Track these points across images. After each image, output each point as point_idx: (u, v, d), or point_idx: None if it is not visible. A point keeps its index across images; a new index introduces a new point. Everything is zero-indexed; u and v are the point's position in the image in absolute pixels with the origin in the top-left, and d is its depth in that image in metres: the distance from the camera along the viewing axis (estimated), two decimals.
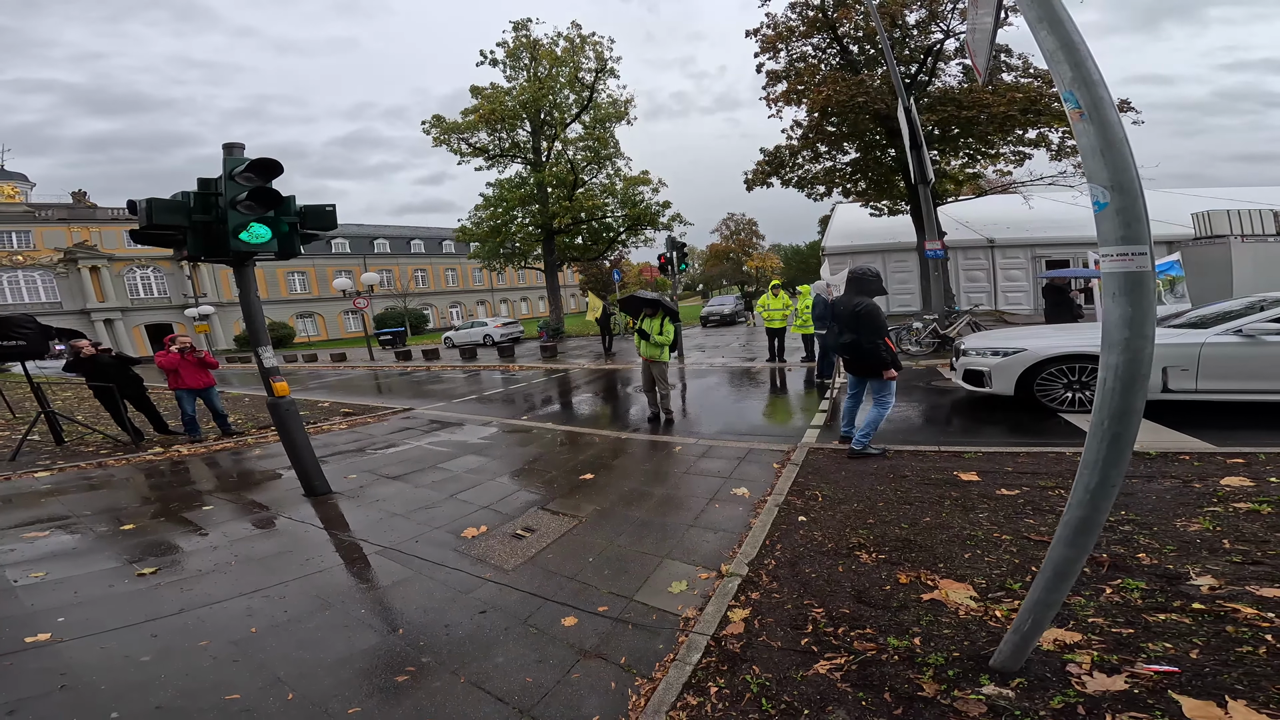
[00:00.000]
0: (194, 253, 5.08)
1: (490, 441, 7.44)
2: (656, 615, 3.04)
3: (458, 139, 26.69)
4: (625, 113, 28.03)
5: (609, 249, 30.23)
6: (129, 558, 4.07)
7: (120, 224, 45.82)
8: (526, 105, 25.81)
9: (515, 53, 26.63)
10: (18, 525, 4.77)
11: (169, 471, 6.50)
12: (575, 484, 5.39)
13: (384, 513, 4.83)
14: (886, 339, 5.19)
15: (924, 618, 2.67)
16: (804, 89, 16.93)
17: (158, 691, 2.53)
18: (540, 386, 12.89)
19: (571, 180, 26.55)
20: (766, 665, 2.49)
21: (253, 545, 4.27)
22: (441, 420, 9.13)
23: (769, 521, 4.00)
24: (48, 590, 3.57)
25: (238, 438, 8.34)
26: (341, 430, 8.64)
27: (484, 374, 16.37)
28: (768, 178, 19.38)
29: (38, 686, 2.60)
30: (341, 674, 2.61)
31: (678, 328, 8.23)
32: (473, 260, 32.92)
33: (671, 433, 7.24)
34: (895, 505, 4.08)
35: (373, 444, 7.59)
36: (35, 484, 6.04)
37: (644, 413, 8.39)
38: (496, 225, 27.33)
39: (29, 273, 42.58)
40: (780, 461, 5.47)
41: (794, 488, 4.66)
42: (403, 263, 59.29)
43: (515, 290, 69.11)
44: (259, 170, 4.91)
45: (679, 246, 17.11)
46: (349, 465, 6.39)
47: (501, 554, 3.91)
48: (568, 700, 2.43)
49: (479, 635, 2.92)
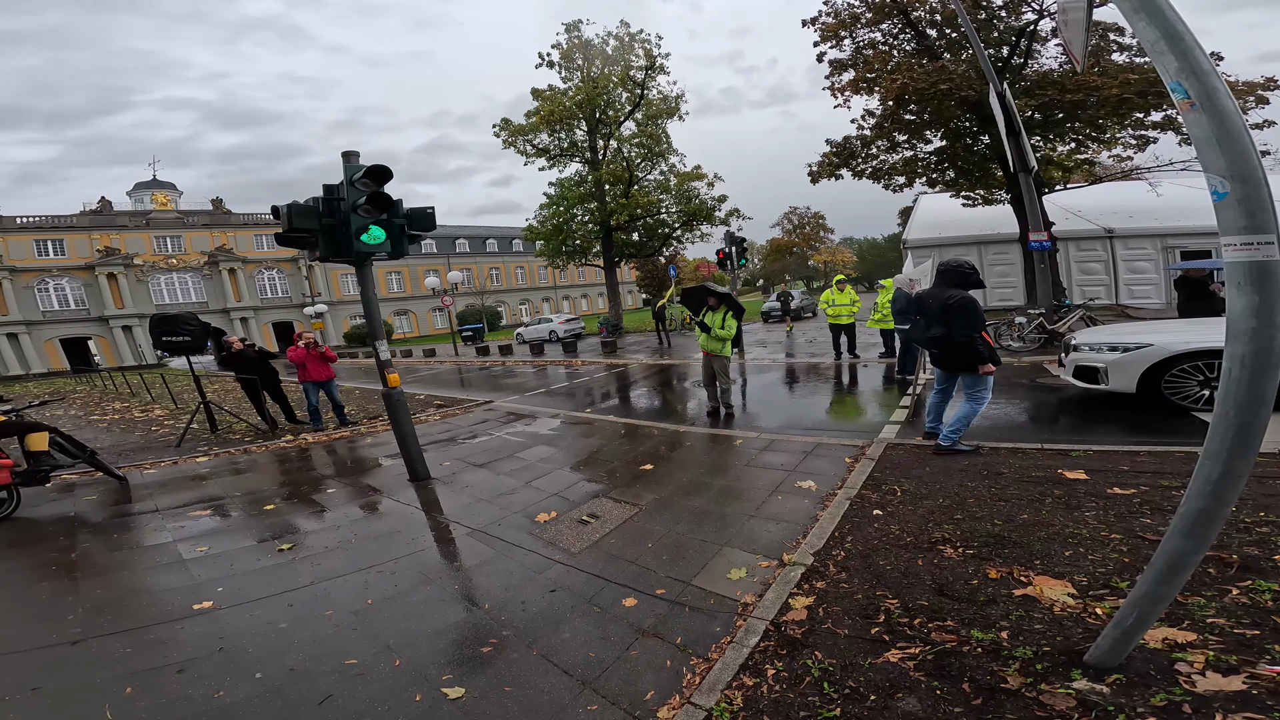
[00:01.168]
0: (325, 254, 5.24)
1: (558, 433, 7.60)
2: (714, 600, 3.04)
3: (523, 140, 26.43)
4: (676, 109, 27.01)
5: (664, 245, 29.41)
6: (270, 535, 4.43)
7: (251, 229, 48.77)
8: (582, 105, 25.30)
9: (569, 54, 26.09)
10: (185, 505, 5.31)
11: (297, 458, 7.09)
12: (636, 474, 5.40)
13: (472, 498, 5.07)
14: (983, 333, 4.70)
15: (1014, 613, 2.53)
16: (875, 77, 15.29)
17: (292, 655, 2.76)
18: (602, 381, 12.82)
19: (627, 177, 25.99)
20: (830, 651, 2.44)
21: (368, 525, 4.57)
22: (516, 413, 9.36)
23: (839, 514, 3.88)
24: (209, 563, 3.93)
25: (352, 427, 8.84)
26: (436, 421, 9.03)
27: (550, 369, 16.46)
28: (836, 170, 17.53)
29: (202, 648, 2.85)
30: (439, 643, 2.79)
31: (740, 323, 7.85)
32: (538, 258, 32.79)
33: (732, 427, 7.01)
34: (988, 502, 3.82)
35: (461, 434, 7.93)
36: (196, 468, 6.74)
37: (703, 407, 8.17)
38: (559, 224, 27.04)
39: (181, 275, 45.86)
40: (853, 456, 5.19)
41: (869, 482, 4.45)
42: (479, 262, 59.82)
43: (576, 287, 68.74)
44: (374, 176, 5.03)
45: (738, 241, 16.26)
46: (443, 454, 6.73)
47: (569, 538, 4.02)
48: (626, 675, 2.48)
49: (549, 612, 3.04)
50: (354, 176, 5.04)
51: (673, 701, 2.29)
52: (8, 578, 3.73)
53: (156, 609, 3.24)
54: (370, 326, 5.70)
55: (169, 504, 5.34)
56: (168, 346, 8.59)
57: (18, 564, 3.97)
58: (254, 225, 48.61)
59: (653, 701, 2.31)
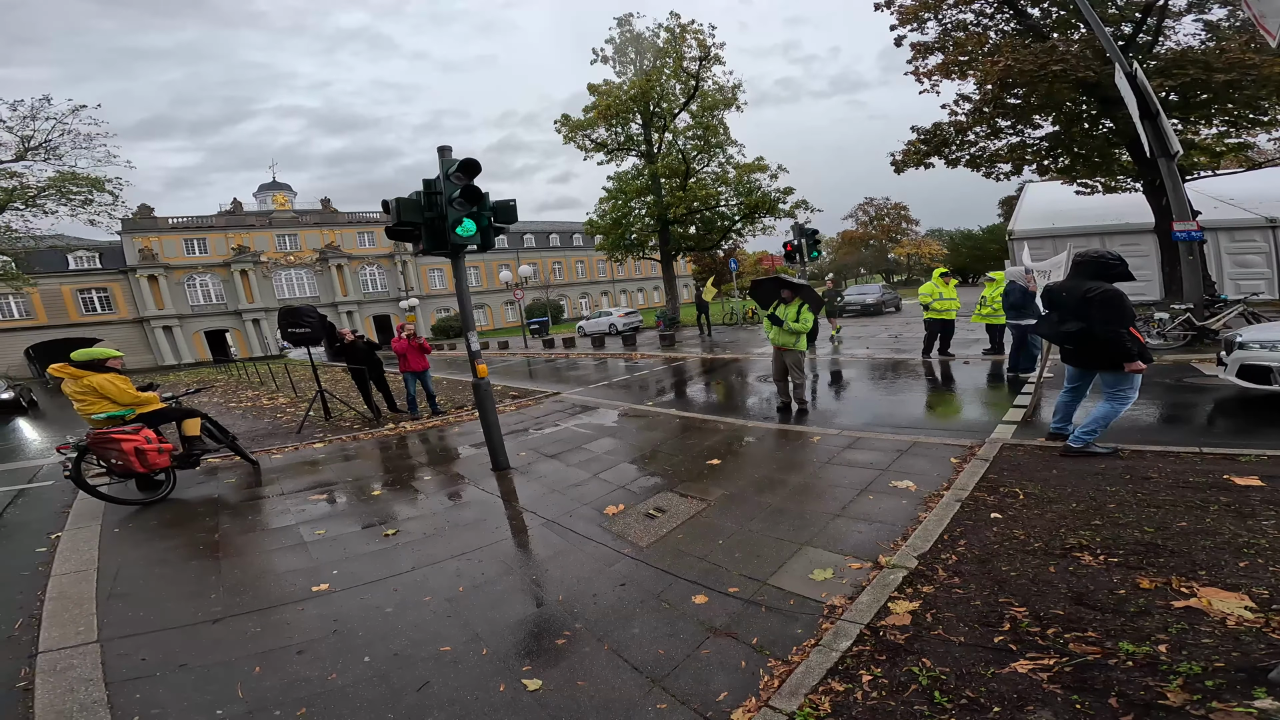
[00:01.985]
0: (427, 247, 5.24)
1: (622, 426, 7.56)
2: (794, 601, 2.86)
3: (581, 135, 26.11)
4: (734, 99, 25.65)
5: (723, 238, 28.18)
6: (377, 520, 4.60)
7: (355, 226, 50.75)
8: (636, 98, 24.63)
9: (622, 48, 25.50)
10: (305, 489, 5.65)
11: (397, 446, 7.46)
12: (702, 469, 5.21)
13: (545, 488, 5.13)
14: (1132, 328, 4.20)
15: (1174, 625, 2.26)
16: (968, 60, 13.84)
17: (395, 640, 2.81)
18: (661, 374, 12.49)
19: (683, 170, 25.11)
20: (942, 659, 2.24)
21: (458, 513, 4.69)
22: (583, 404, 9.38)
23: (947, 516, 3.57)
24: (326, 546, 4.10)
25: (442, 416, 9.14)
26: (511, 412, 9.20)
27: (610, 362, 16.29)
28: (925, 158, 15.68)
29: (319, 630, 2.96)
30: (519, 634, 2.80)
31: (816, 316, 7.25)
32: (598, 252, 32.41)
33: (805, 423, 6.58)
34: (1134, 507, 3.42)
35: (534, 424, 8.06)
36: (314, 454, 7.21)
37: (767, 402, 7.82)
38: (617, 217, 26.58)
39: (297, 270, 48.23)
40: (960, 457, 4.75)
41: (983, 484, 4.07)
42: (544, 256, 59.82)
43: (634, 281, 67.80)
44: (465, 169, 5.03)
45: (809, 233, 15.24)
46: (519, 444, 6.87)
47: (637, 532, 3.93)
48: (696, 674, 2.37)
49: (619, 607, 2.97)
50: (449, 170, 5.02)
51: (748, 704, 2.16)
52: (166, 556, 4.10)
53: (282, 590, 3.44)
54: (463, 318, 5.76)
55: (292, 488, 5.72)
56: (292, 338, 8.95)
57: (174, 543, 4.36)
58: (358, 224, 50.88)
59: (726, 703, 2.19)
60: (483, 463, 6.01)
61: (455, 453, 6.83)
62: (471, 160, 5.02)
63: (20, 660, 2.84)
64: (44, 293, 40.00)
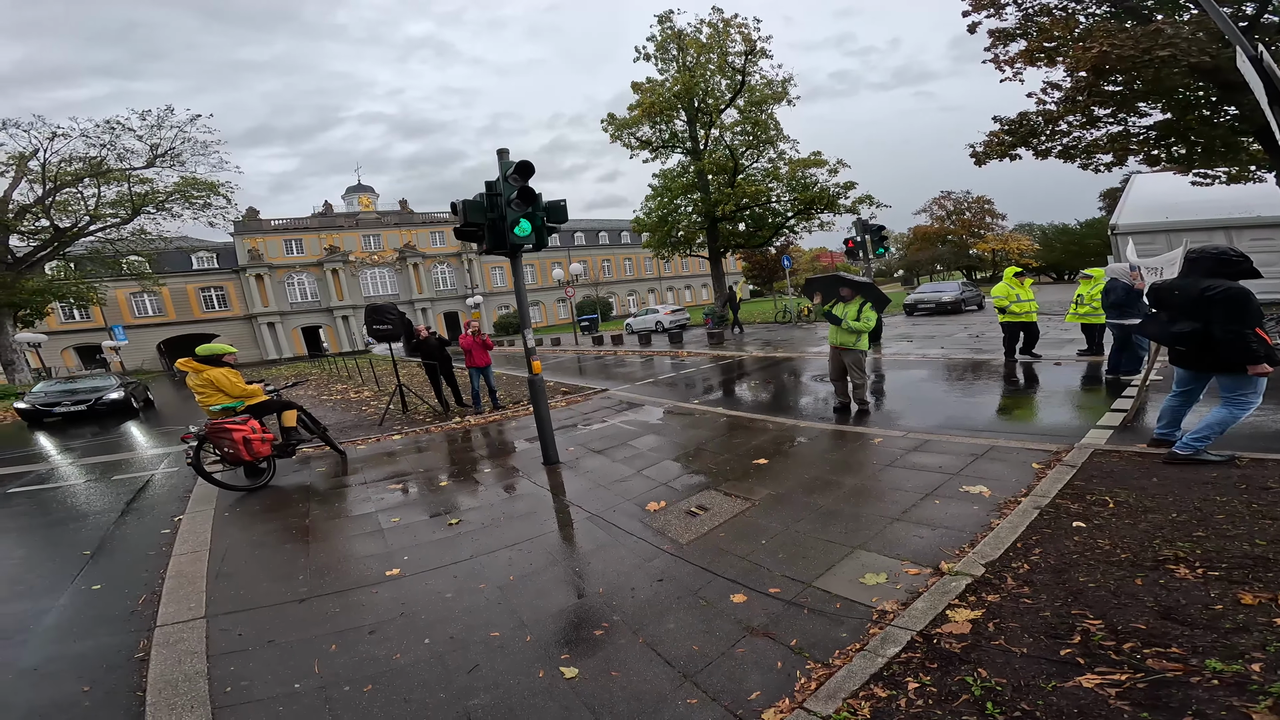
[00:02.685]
0: (490, 246, 5.31)
1: (667, 423, 7.50)
2: (840, 604, 2.74)
3: (627, 134, 25.38)
4: (784, 93, 24.18)
5: (775, 235, 26.85)
6: (443, 510, 4.78)
7: (428, 227, 51.45)
8: (680, 95, 23.75)
9: (663, 45, 24.54)
10: (384, 479, 5.92)
11: (461, 439, 7.78)
12: (748, 468, 5.06)
13: (591, 483, 5.19)
14: (1258, 329, 3.78)
15: (1272, 644, 2.06)
16: (1056, 46, 12.52)
17: (452, 624, 2.93)
18: (709, 373, 12.09)
19: (731, 167, 24.09)
20: (999, 670, 2.12)
21: (511, 505, 4.82)
22: (629, 401, 9.37)
23: (1023, 524, 3.33)
24: (399, 533, 4.29)
25: (502, 411, 9.36)
26: (562, 408, 9.33)
27: (657, 359, 15.96)
28: (1009, 149, 14.33)
29: (388, 613, 3.10)
30: (560, 623, 2.87)
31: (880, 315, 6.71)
32: (645, 250, 31.66)
33: (866, 424, 6.21)
34: (1247, 519, 3.10)
35: (582, 420, 8.17)
36: (392, 445, 7.62)
37: (821, 403, 7.46)
38: (663, 215, 26.01)
39: (380, 269, 49.52)
40: (1044, 462, 4.39)
41: (1068, 491, 3.76)
42: (593, 254, 59.30)
43: (680, 278, 66.28)
44: (521, 171, 5.08)
45: (874, 229, 14.24)
46: (568, 439, 7.00)
47: (677, 528, 3.89)
48: (730, 672, 2.34)
49: (656, 601, 2.97)
50: (507, 172, 5.09)
51: (781, 704, 2.11)
52: (264, 540, 4.45)
53: (359, 573, 3.65)
54: (521, 315, 5.88)
55: (373, 477, 6.06)
56: (376, 334, 9.23)
57: (271, 527, 4.72)
58: (430, 223, 51.83)
59: (758, 702, 2.15)
60: (535, 457, 6.16)
61: (511, 446, 7.06)
62: (526, 162, 5.07)
63: (141, 633, 3.14)
64: (172, 291, 43.23)
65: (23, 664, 2.92)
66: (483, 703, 2.31)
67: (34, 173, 24.29)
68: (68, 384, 15.25)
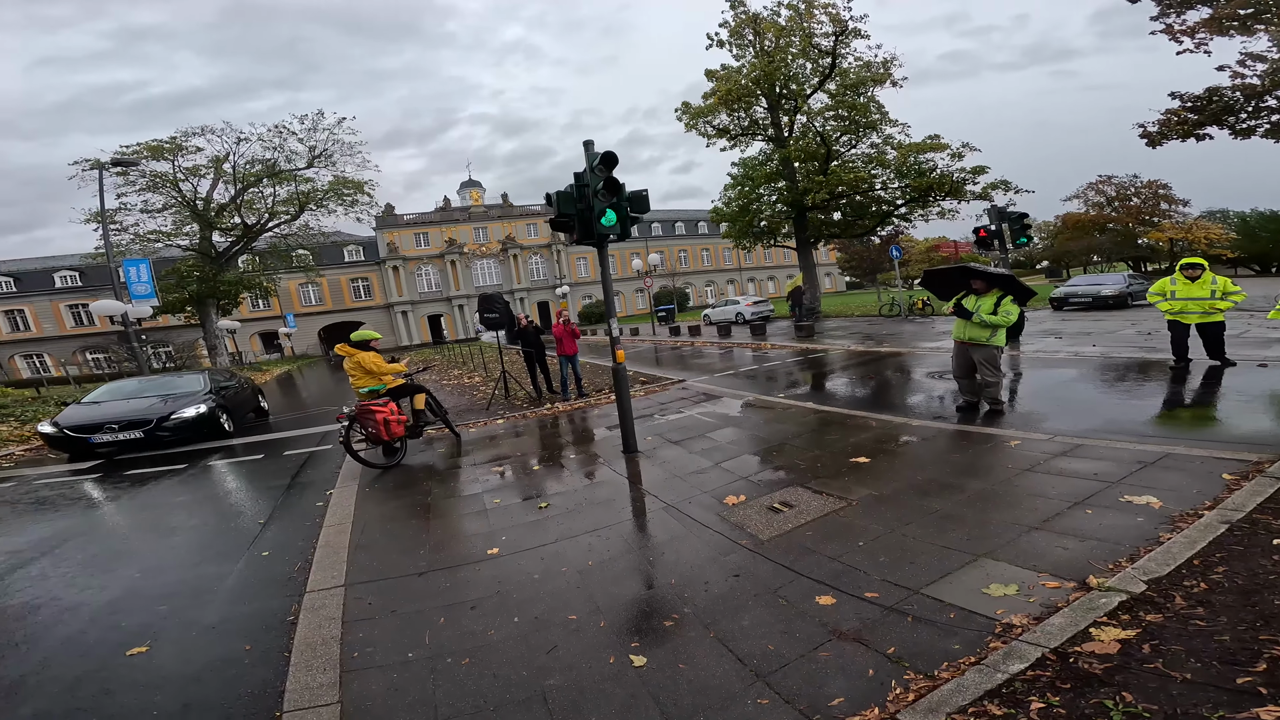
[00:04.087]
0: (579, 236, 5.31)
1: (747, 416, 7.18)
2: (955, 614, 2.46)
3: (703, 123, 23.73)
4: (886, 75, 21.49)
5: (880, 224, 24.01)
6: (534, 493, 4.86)
7: (525, 219, 52.61)
8: (759, 81, 21.96)
9: (738, 30, 22.80)
10: (488, 461, 6.15)
11: (551, 425, 8.03)
12: (844, 466, 4.64)
13: (668, 473, 5.07)
14: None
15: None
16: (1253, 13, 10.55)
17: (537, 605, 2.98)
18: (796, 366, 11.27)
19: (823, 154, 21.93)
20: (1150, 695, 1.84)
21: (593, 491, 4.82)
22: (707, 393, 9.11)
23: (1203, 539, 2.87)
24: (500, 514, 4.41)
25: (586, 399, 9.37)
26: (640, 397, 9.16)
27: (736, 351, 15.23)
28: (1195, 128, 12.38)
29: (487, 590, 3.20)
30: (632, 611, 2.83)
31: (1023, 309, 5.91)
32: (724, 240, 30.30)
33: (998, 425, 5.43)
34: None
35: (659, 410, 8.10)
36: (496, 429, 8.05)
37: (940, 400, 6.72)
38: (744, 204, 24.54)
39: (487, 260, 51.74)
40: (1239, 473, 3.73)
41: (1269, 505, 3.20)
42: (670, 244, 57.93)
43: (762, 269, 63.17)
44: (606, 162, 5.04)
45: (1014, 217, 12.58)
46: (645, 428, 6.87)
47: (758, 524, 3.66)
48: (808, 675, 2.16)
49: (730, 596, 2.83)
50: (593, 163, 5.05)
51: (868, 713, 1.93)
52: (395, 515, 4.76)
53: (467, 551, 3.81)
54: (606, 305, 5.83)
55: (481, 459, 6.37)
56: (486, 322, 9.57)
57: (401, 504, 5.04)
58: (527, 216, 53.23)
59: (840, 709, 1.98)
60: (615, 445, 6.17)
61: (593, 434, 7.19)
62: (610, 153, 5.00)
63: (294, 597, 3.38)
64: (330, 282, 47.97)
65: (206, 621, 3.23)
66: (556, 684, 2.35)
67: (227, 174, 28.21)
68: (120, 397, 9.06)
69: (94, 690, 2.65)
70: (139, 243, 27.32)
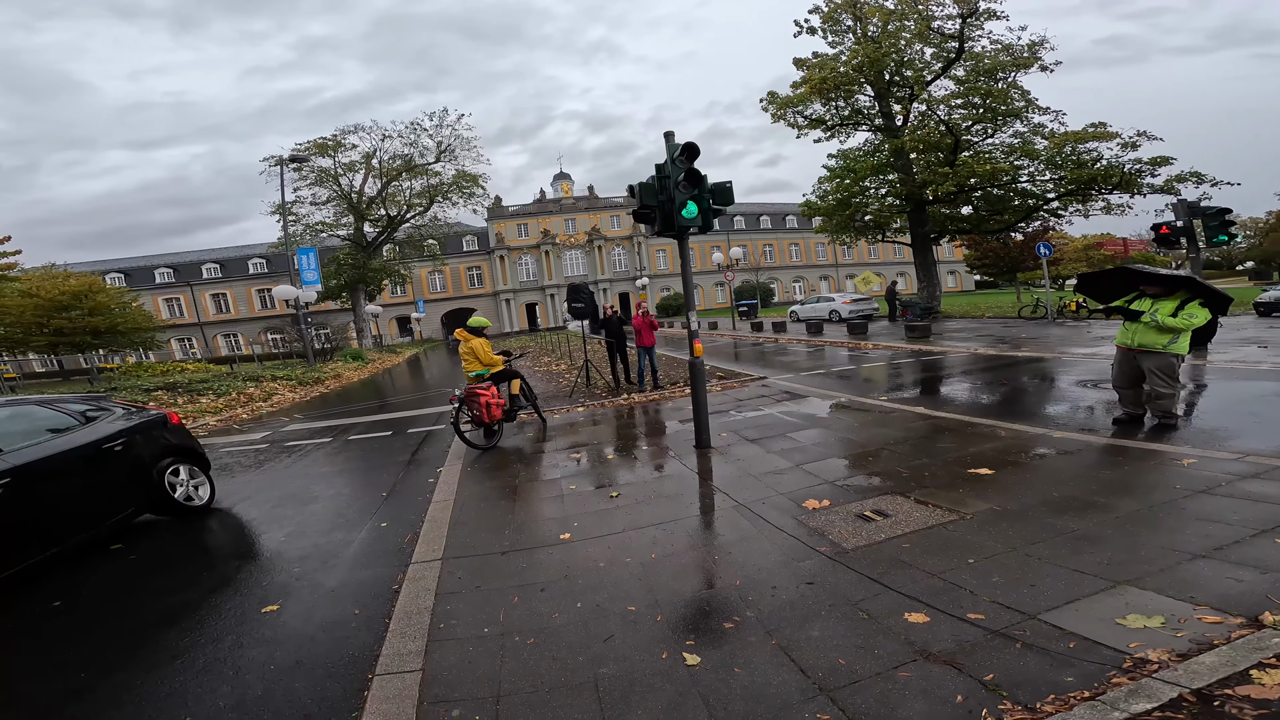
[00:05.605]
0: (660, 228, 5.12)
1: (837, 418, 6.64)
2: (1075, 643, 2.16)
3: (792, 113, 21.99)
4: (1032, 59, 18.84)
5: (1025, 219, 21.41)
6: (606, 482, 4.89)
7: (609, 211, 52.68)
8: (862, 68, 19.84)
9: (833, 15, 20.78)
10: (568, 448, 6.18)
11: (626, 415, 8.05)
12: (958, 477, 4.16)
13: (741, 471, 4.85)
14: None
15: None
16: None
17: (601, 592, 2.97)
18: (905, 368, 10.23)
19: (949, 143, 19.57)
20: None
21: (661, 484, 4.76)
22: (791, 391, 8.62)
23: None
24: (574, 500, 4.48)
25: (660, 391, 9.23)
26: (716, 392, 8.83)
27: (829, 350, 14.19)
28: None
29: (556, 574, 3.24)
30: (691, 609, 2.76)
31: (1215, 315, 5.17)
32: (818, 235, 27.59)
33: (1168, 441, 4.66)
34: None
35: (737, 406, 7.79)
36: (576, 417, 8.24)
37: (1089, 411, 5.96)
38: (844, 198, 22.38)
39: (575, 251, 52.60)
40: None
41: None
42: (754, 238, 54.98)
43: (863, 266, 56.56)
44: (688, 153, 4.94)
45: (1211, 213, 10.65)
46: (721, 424, 6.59)
47: (842, 531, 3.38)
48: (881, 695, 1.96)
49: (799, 604, 2.65)
50: (674, 155, 4.97)
51: None
52: (489, 494, 4.96)
53: (543, 534, 3.88)
54: (685, 297, 5.73)
55: (562, 445, 6.47)
56: (573, 311, 9.77)
57: (494, 484, 5.23)
58: (610, 208, 53.39)
59: None
60: (687, 439, 5.98)
61: (666, 426, 7.12)
62: (692, 144, 4.87)
63: (400, 567, 3.56)
64: (451, 270, 51.08)
65: (328, 585, 3.46)
66: (609, 673, 2.34)
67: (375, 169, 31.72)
68: None
69: (230, 643, 2.94)
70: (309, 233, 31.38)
